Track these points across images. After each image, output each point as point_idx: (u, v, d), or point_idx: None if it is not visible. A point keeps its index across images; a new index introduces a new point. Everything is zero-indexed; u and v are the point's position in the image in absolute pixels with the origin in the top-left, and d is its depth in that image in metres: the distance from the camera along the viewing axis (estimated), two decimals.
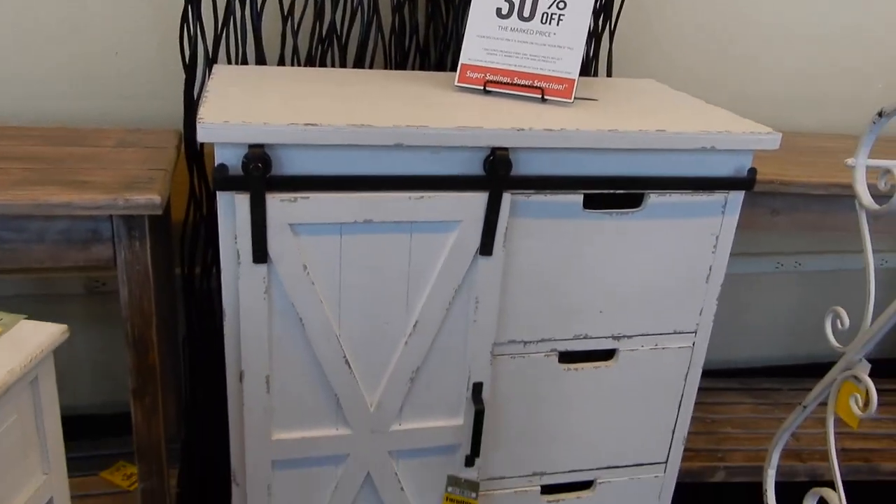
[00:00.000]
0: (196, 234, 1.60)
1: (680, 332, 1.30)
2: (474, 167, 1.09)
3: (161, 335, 1.52)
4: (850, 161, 1.15)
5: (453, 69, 1.50)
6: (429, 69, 1.56)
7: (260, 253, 1.05)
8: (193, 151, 1.45)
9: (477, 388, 1.22)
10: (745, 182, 1.20)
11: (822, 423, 1.91)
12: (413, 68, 1.56)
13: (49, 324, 0.85)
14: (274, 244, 1.05)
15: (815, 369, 1.55)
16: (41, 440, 0.86)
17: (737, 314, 2.20)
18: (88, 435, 1.68)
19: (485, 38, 1.23)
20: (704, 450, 1.76)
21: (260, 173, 1.00)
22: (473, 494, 1.29)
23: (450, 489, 1.29)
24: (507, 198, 1.10)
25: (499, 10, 1.22)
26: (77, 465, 1.58)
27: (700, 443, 1.78)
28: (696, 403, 1.37)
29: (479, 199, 1.10)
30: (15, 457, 0.82)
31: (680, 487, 1.53)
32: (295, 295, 1.09)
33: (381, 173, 1.06)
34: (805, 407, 1.41)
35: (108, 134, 1.40)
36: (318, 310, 1.11)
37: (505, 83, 1.23)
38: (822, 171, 1.51)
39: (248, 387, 1.13)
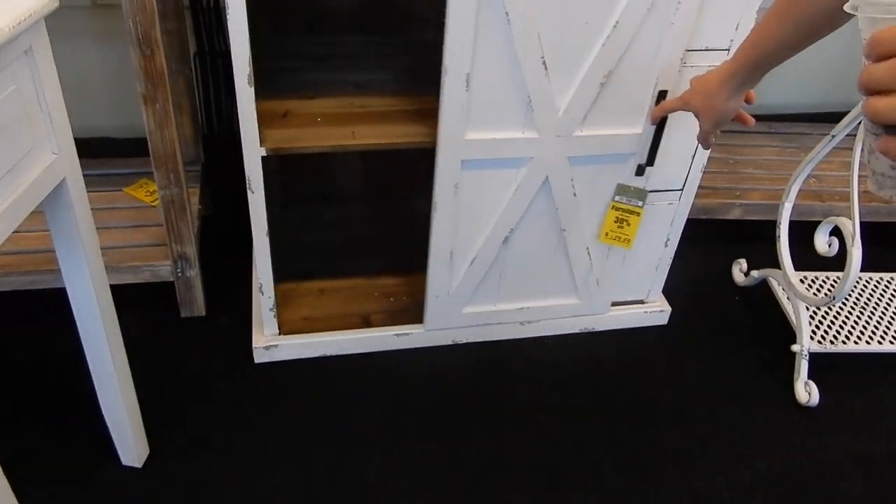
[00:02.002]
0: None
1: (712, 49, 1.23)
2: None
3: (169, 48, 1.47)
4: None
5: None
6: None
7: None
8: None
9: (661, 97, 1.20)
10: None
11: (846, 168, 1.87)
12: None
13: None
14: None
15: None
16: (45, 117, 0.85)
17: None
18: (110, 155, 1.70)
19: None
20: (723, 188, 1.75)
21: None
22: (640, 203, 1.30)
23: (617, 198, 1.31)
24: None
25: None
26: (100, 181, 1.62)
27: (720, 181, 1.77)
28: (718, 144, 1.32)
29: None
30: (18, 130, 0.81)
31: (693, 224, 1.54)
32: None
33: None
34: (833, 136, 1.37)
35: None
36: (524, 2, 1.06)
37: None
38: None
39: (448, 85, 1.11)
